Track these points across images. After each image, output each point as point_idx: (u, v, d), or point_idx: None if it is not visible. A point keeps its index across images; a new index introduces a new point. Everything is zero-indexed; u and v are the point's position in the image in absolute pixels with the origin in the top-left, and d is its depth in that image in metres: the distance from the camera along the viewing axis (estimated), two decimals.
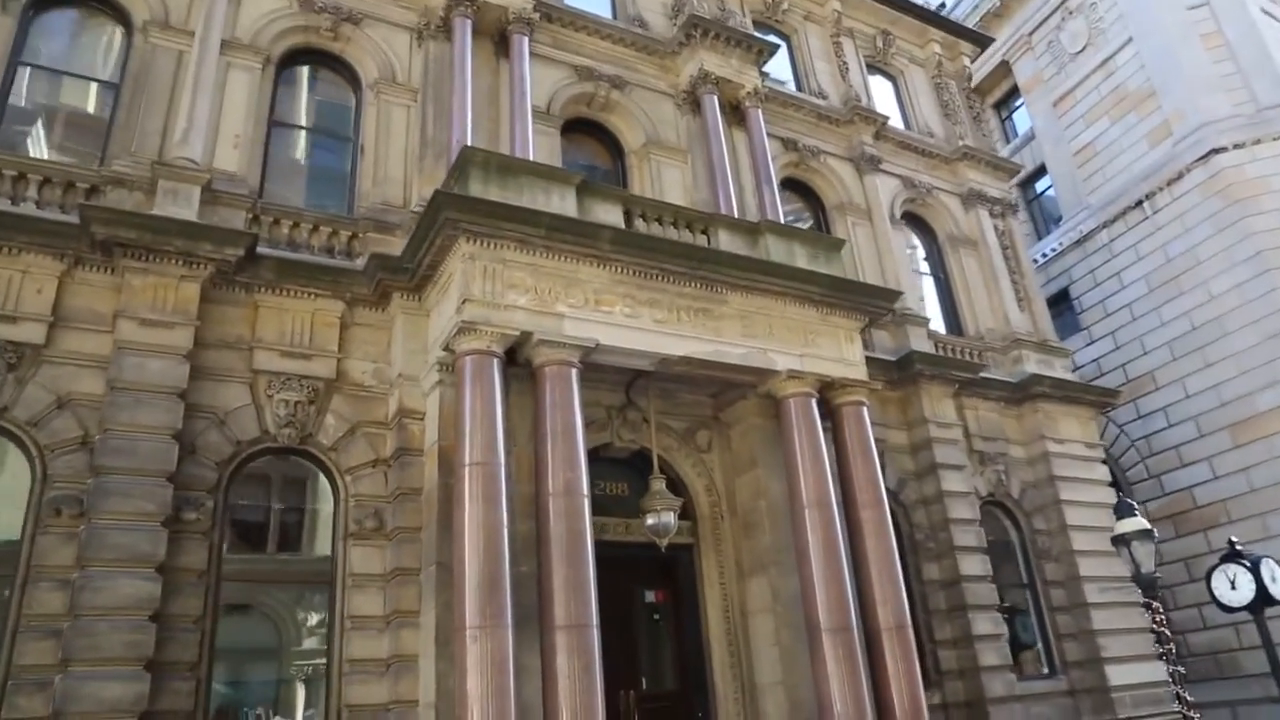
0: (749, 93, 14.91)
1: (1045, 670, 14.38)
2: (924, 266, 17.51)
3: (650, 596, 11.97)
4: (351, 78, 12.57)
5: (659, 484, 10.81)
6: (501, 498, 8.86)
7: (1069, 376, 16.78)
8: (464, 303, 9.38)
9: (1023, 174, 24.14)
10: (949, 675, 12.97)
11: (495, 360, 9.37)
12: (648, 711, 11.04)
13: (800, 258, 11.91)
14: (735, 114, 15.04)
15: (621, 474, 11.93)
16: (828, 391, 11.55)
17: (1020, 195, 24.08)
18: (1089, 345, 21.29)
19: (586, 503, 9.26)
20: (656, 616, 12.01)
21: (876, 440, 13.36)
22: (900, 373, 14.44)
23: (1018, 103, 26.69)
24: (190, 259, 9.46)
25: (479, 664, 8.11)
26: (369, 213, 11.22)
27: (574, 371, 9.75)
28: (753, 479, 11.70)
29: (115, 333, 9.08)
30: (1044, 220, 25.12)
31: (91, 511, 8.36)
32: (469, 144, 11.48)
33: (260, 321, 10.05)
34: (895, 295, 12.59)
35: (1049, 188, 24.64)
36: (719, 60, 14.77)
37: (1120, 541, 8.93)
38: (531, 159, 12.14)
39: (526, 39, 13.10)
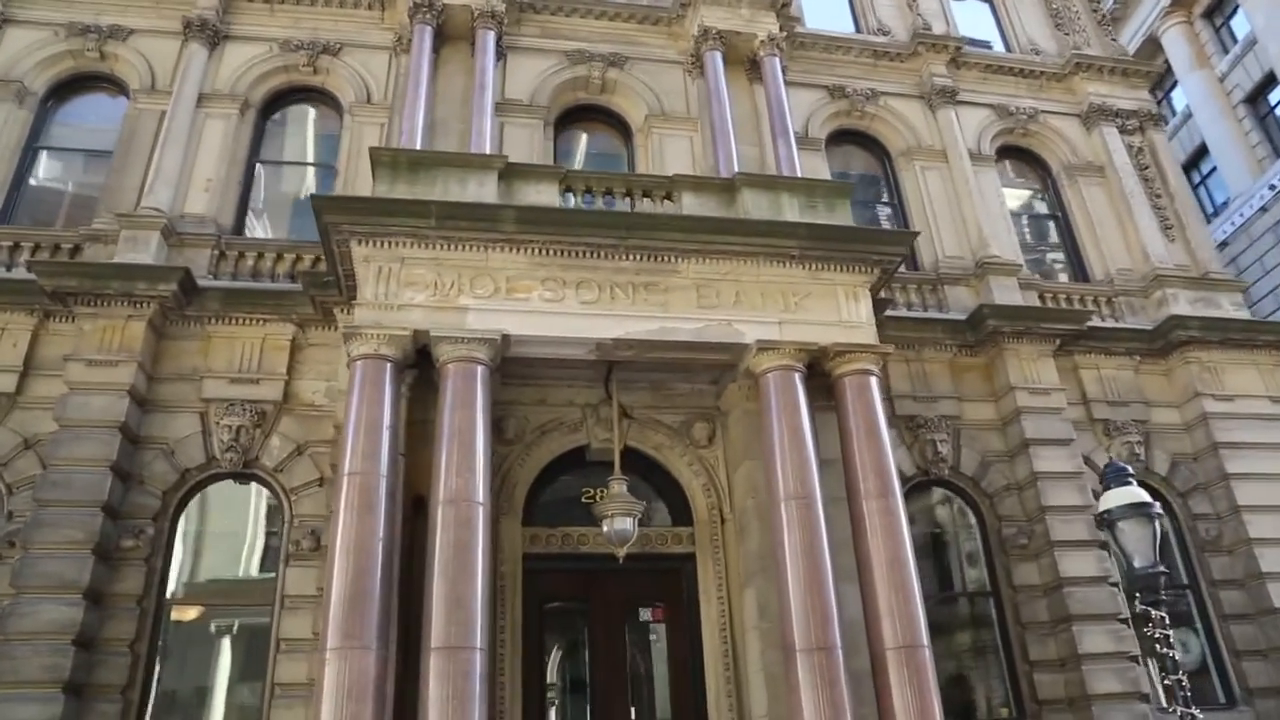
0: (763, 41, 13.30)
1: (1222, 699, 10.94)
2: (1033, 207, 14.53)
3: (646, 614, 10.64)
4: (336, 107, 12.80)
5: (619, 486, 9.55)
6: (379, 507, 8.18)
7: (1240, 314, 12.97)
8: (356, 307, 8.96)
9: (1250, 86, 19.74)
10: (1051, 706, 10.22)
11: (388, 364, 8.78)
12: None
13: (789, 210, 10.21)
14: (754, 69, 13.47)
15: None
16: (826, 362, 9.68)
17: (1245, 111, 19.66)
18: None
19: (481, 510, 8.32)
20: (653, 637, 10.65)
21: (948, 418, 11.39)
22: (975, 333, 11.90)
23: (1233, 7, 21.69)
24: (132, 299, 9.91)
25: (334, 690, 7.42)
26: None
27: (480, 369, 8.89)
28: (745, 474, 10.08)
29: (65, 375, 9.69)
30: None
31: (26, 542, 8.87)
32: (419, 147, 11.17)
33: (212, 351, 10.29)
34: (908, 238, 10.40)
35: None
36: (725, 14, 13.36)
37: (1104, 523, 6.35)
38: (489, 152, 11.60)
39: (492, 34, 12.63)
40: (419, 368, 9.28)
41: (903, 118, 14.17)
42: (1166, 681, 6.05)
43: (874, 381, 9.64)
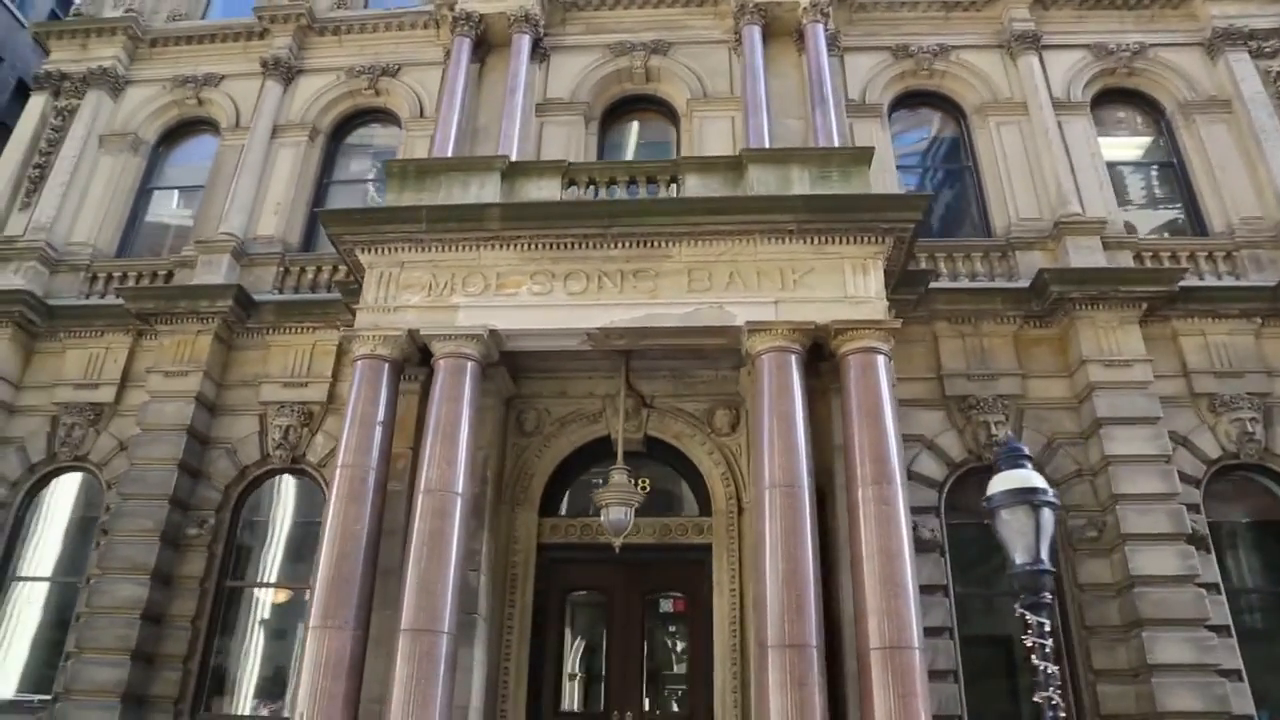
0: (806, 9, 12.64)
1: None
2: (1141, 155, 12.74)
3: (666, 605, 10.47)
4: (397, 124, 13.64)
5: (619, 475, 9.55)
6: (367, 498, 8.71)
7: None
8: (359, 312, 9.56)
9: None
10: None
11: (385, 364, 9.30)
12: None
13: (799, 183, 9.70)
14: (802, 40, 12.84)
15: (646, 469, 10.76)
16: (830, 341, 9.11)
17: None
18: None
19: (459, 501, 8.61)
20: (673, 628, 10.45)
21: (1008, 397, 10.47)
22: (1040, 302, 10.66)
23: None
24: (199, 315, 11.15)
25: (315, 663, 8.02)
26: None
27: (470, 365, 9.19)
28: (756, 460, 9.66)
29: (146, 385, 11.07)
30: None
31: (110, 529, 10.26)
32: (449, 155, 11.69)
33: (270, 359, 11.34)
34: (919, 201, 9.44)
35: None
36: None
37: (989, 510, 5.38)
38: (537, 157, 11.96)
39: (526, 38, 12.93)
40: (431, 366, 9.72)
41: (977, 71, 12.92)
42: (1036, 698, 5.12)
43: (881, 360, 8.91)
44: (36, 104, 13.61)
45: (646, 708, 9.87)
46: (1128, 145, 13.07)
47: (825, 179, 9.75)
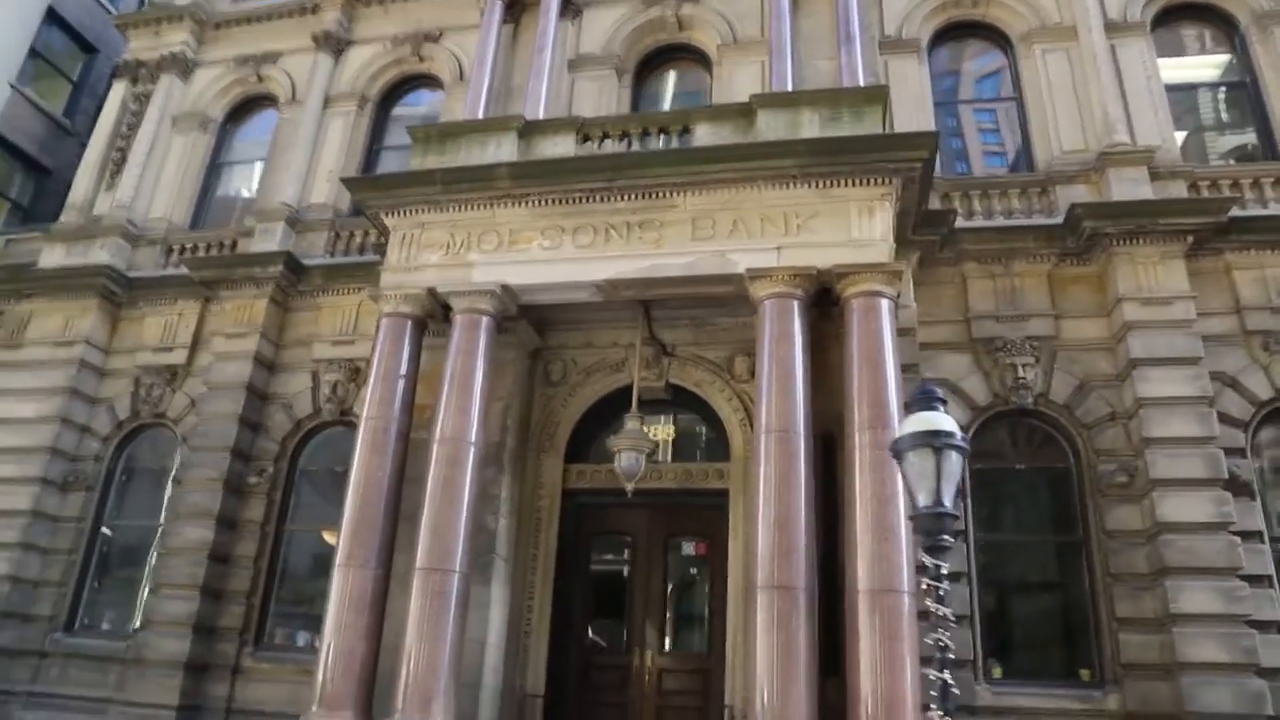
0: None
1: None
2: (1211, 76, 11.80)
3: (689, 548, 10.72)
4: (440, 88, 14.07)
5: (633, 423, 9.82)
6: (389, 448, 9.33)
7: None
8: (383, 272, 10.09)
9: None
10: (1139, 672, 8.64)
11: (407, 321, 9.85)
12: (662, 674, 9.99)
13: (809, 126, 9.60)
14: None
15: (669, 416, 11.05)
16: (836, 284, 9.03)
17: None
18: None
19: (472, 450, 9.10)
20: (694, 570, 10.70)
21: (1039, 338, 10.17)
22: (1076, 238, 10.16)
23: None
24: (254, 281, 12.01)
25: (340, 598, 8.77)
26: None
27: (485, 319, 9.63)
28: (756, 406, 9.71)
29: (211, 347, 12.06)
30: None
31: (181, 479, 11.33)
32: (480, 116, 12.04)
33: (321, 319, 12.12)
34: (925, 139, 9.11)
35: None
36: None
37: (897, 453, 5.21)
38: (568, 113, 12.15)
39: None
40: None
41: None
42: (928, 639, 5.02)
43: (884, 303, 8.79)
44: (117, 92, 14.77)
45: (667, 646, 10.23)
46: (1197, 65, 12.11)
47: (836, 121, 9.58)
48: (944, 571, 4.99)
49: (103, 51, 18.13)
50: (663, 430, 11.04)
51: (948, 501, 5.02)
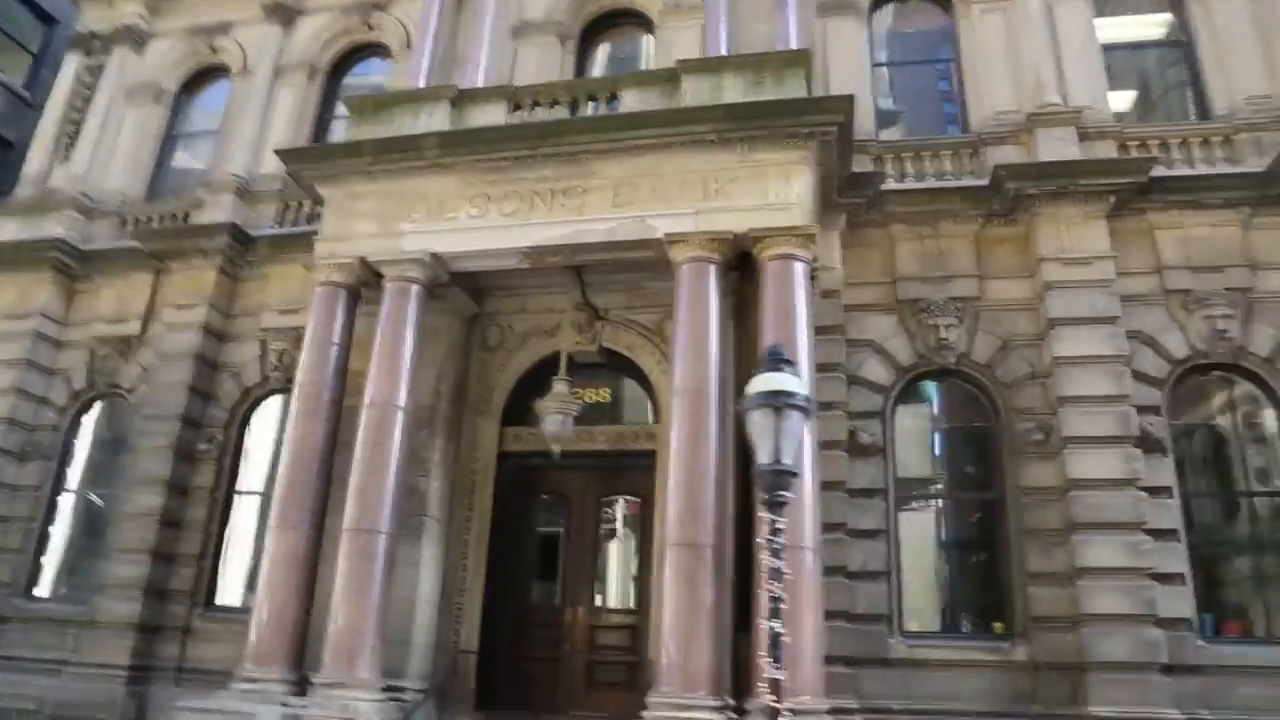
0: None
1: None
2: (1150, 35, 11.79)
3: (620, 508, 10.99)
4: (389, 57, 14.11)
5: (561, 386, 10.02)
6: (321, 413, 9.57)
7: None
8: (317, 242, 10.26)
9: None
10: (1046, 624, 8.90)
11: (340, 290, 10.04)
12: (594, 630, 10.30)
13: (732, 91, 9.67)
14: None
15: (604, 379, 11.23)
16: (754, 248, 9.16)
17: None
18: None
19: (400, 414, 9.33)
20: (626, 530, 10.96)
21: (963, 299, 10.29)
22: (1001, 200, 10.24)
23: None
24: (201, 252, 12.20)
25: (273, 558, 9.08)
26: None
27: (415, 287, 9.81)
28: (672, 368, 9.90)
29: (162, 318, 12.29)
30: None
31: (133, 447, 11.63)
32: (422, 85, 12.09)
33: (269, 289, 12.32)
34: (841, 103, 9.19)
35: None
36: None
37: (742, 413, 5.38)
38: (511, 80, 12.19)
39: None
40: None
41: None
42: (760, 590, 5.25)
43: (798, 266, 8.94)
44: (71, 64, 14.86)
45: (599, 602, 10.54)
46: (1141, 24, 12.06)
47: (759, 86, 9.64)
48: (780, 526, 5.19)
49: (63, 22, 18.09)
50: (597, 394, 11.22)
51: (786, 459, 5.22)
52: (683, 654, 7.83)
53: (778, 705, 5.02)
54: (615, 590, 10.80)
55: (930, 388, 10.44)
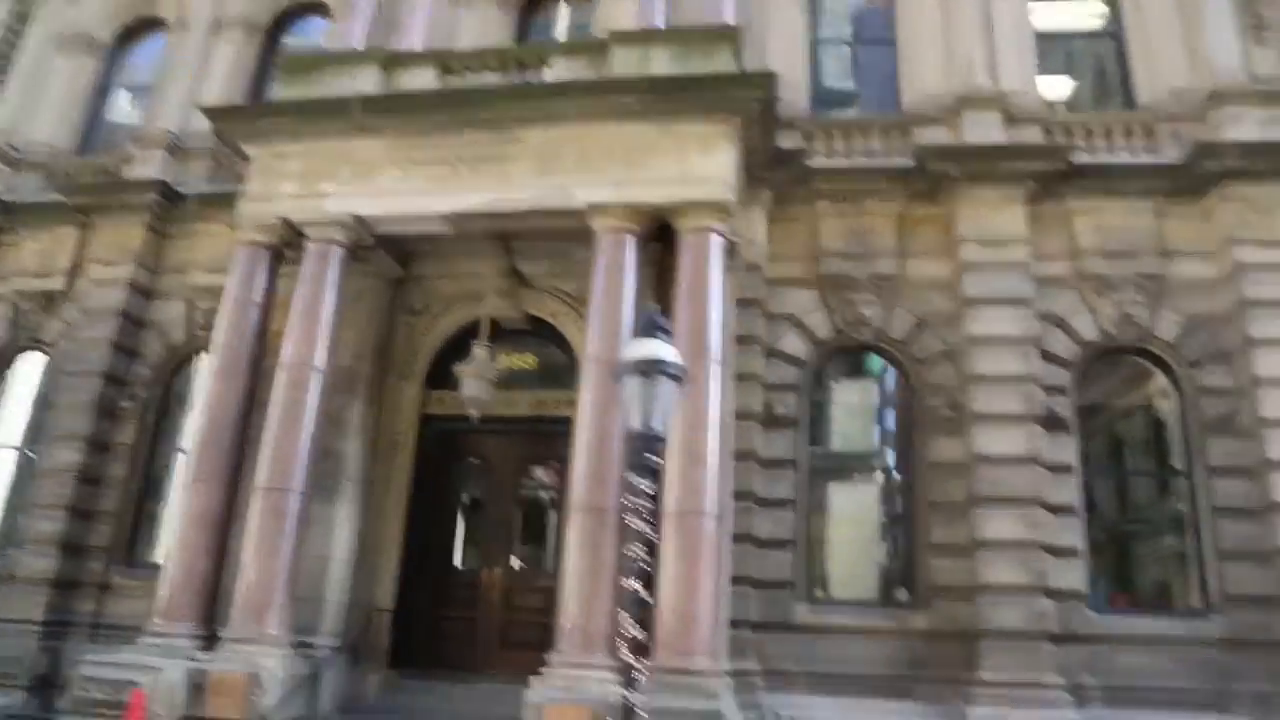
0: None
1: (1197, 604, 9.08)
2: (1084, 24, 11.95)
3: (539, 473, 11.12)
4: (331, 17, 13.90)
5: (481, 351, 10.14)
6: (240, 373, 9.55)
7: None
8: (240, 202, 10.17)
9: None
10: (946, 594, 9.18)
11: (262, 250, 9.98)
12: (510, 592, 10.45)
13: (659, 63, 9.69)
14: None
15: (528, 345, 11.27)
16: (674, 220, 9.22)
17: None
18: None
19: (317, 376, 9.33)
20: (544, 494, 11.10)
21: (882, 277, 10.40)
22: (925, 181, 10.39)
23: None
24: (128, 208, 12.03)
25: (186, 515, 9.12)
26: None
27: (336, 249, 9.78)
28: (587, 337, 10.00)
29: (89, 274, 12.12)
30: None
31: (52, 403, 11.52)
32: (357, 48, 11.95)
33: (197, 247, 12.15)
34: (764, 79, 9.28)
35: None
36: None
37: (617, 378, 5.49)
38: (449, 45, 12.06)
39: None
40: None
41: None
42: (625, 550, 5.39)
43: (714, 239, 9.03)
44: None
45: (515, 565, 10.67)
46: (1078, 14, 12.21)
47: (686, 59, 9.67)
48: (647, 490, 5.31)
49: None
50: (522, 360, 11.26)
51: (656, 424, 5.32)
52: (584, 616, 8.00)
53: (634, 664, 5.16)
54: (533, 553, 10.93)
55: (853, 362, 10.63)
